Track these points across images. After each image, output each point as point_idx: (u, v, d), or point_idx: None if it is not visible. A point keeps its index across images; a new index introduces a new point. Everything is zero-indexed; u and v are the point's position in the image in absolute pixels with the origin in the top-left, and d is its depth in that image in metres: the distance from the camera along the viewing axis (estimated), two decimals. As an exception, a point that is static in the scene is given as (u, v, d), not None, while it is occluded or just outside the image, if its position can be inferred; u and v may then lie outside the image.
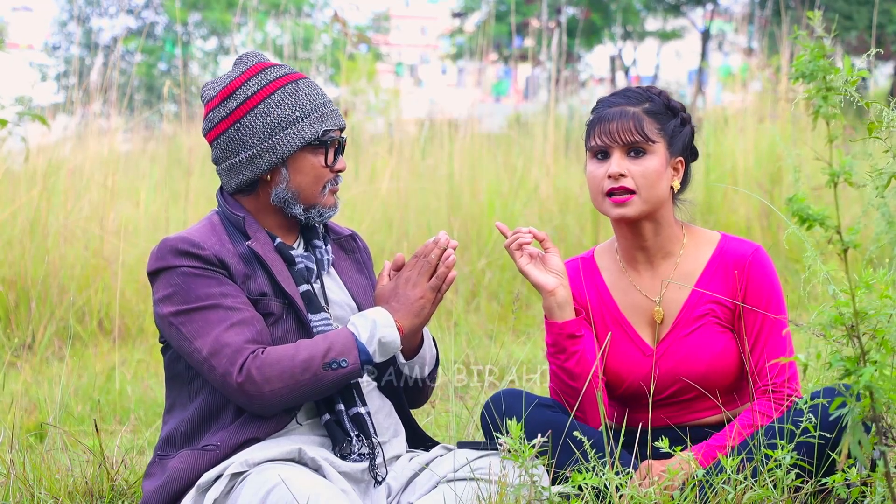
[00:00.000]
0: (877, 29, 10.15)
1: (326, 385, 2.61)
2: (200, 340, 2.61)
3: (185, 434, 2.68)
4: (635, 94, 2.90)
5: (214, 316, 2.62)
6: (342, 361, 2.60)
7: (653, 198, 2.85)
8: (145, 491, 2.67)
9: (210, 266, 2.66)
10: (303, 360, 2.59)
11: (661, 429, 2.89)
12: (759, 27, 15.90)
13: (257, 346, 2.62)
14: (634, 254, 2.94)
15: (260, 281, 2.70)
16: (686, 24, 25.34)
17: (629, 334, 2.92)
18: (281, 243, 2.76)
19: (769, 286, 2.87)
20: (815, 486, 2.66)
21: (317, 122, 2.73)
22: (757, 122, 8.00)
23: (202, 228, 2.74)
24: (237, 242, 2.72)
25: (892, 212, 2.68)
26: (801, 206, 2.12)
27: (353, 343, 2.62)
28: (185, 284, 2.65)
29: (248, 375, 2.57)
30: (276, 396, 2.59)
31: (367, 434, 2.68)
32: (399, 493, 2.69)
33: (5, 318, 5.84)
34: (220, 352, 2.59)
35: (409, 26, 43.95)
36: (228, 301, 2.64)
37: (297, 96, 2.73)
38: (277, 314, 2.69)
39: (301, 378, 2.58)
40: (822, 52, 2.13)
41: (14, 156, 6.89)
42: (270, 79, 2.74)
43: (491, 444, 2.70)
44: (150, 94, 20.72)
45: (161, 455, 2.70)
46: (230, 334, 2.60)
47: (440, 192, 7.38)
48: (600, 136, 2.86)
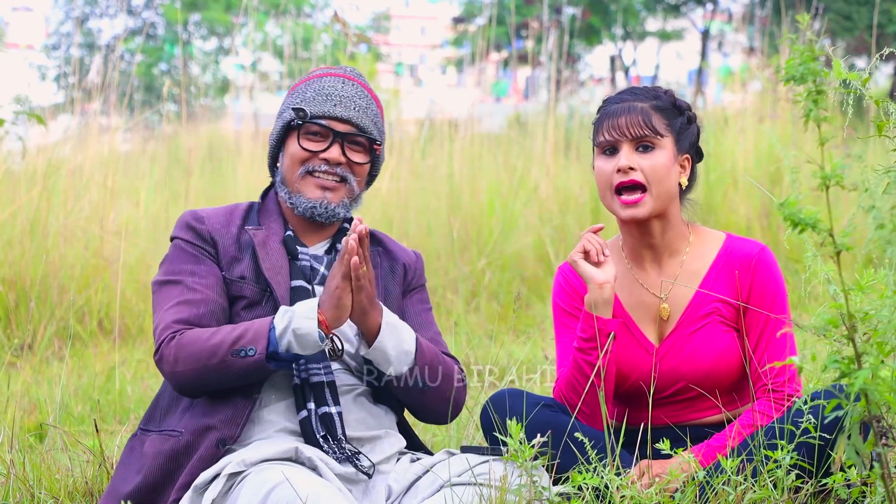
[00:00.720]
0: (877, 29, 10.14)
1: (235, 372, 2.60)
2: (156, 314, 2.72)
3: (163, 409, 2.74)
4: (642, 92, 2.91)
5: (174, 292, 2.71)
6: (249, 350, 2.59)
7: (663, 193, 2.84)
8: (118, 476, 2.69)
9: (200, 242, 2.77)
10: (213, 345, 2.60)
11: (662, 429, 2.89)
12: (759, 27, 15.90)
13: (184, 326, 2.65)
14: (641, 251, 2.94)
15: (245, 265, 2.76)
16: (686, 24, 25.34)
17: (633, 332, 2.92)
18: (290, 236, 2.80)
19: (774, 286, 2.87)
20: (815, 486, 2.66)
21: (306, 105, 2.79)
22: (757, 122, 8.00)
23: (223, 207, 2.86)
24: (247, 227, 2.81)
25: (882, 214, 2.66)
26: (793, 210, 2.12)
27: (266, 332, 2.60)
28: (172, 257, 2.78)
29: (162, 354, 2.64)
30: (186, 377, 2.62)
31: (334, 435, 2.65)
32: (400, 496, 2.67)
33: (5, 318, 5.84)
34: (157, 327, 2.69)
35: (409, 26, 43.94)
36: (191, 280, 2.72)
37: (312, 87, 2.83)
38: (251, 298, 2.73)
39: (208, 362, 2.60)
40: (813, 55, 2.13)
41: (13, 156, 6.89)
42: (312, 74, 2.86)
43: (494, 449, 2.68)
44: (150, 94, 20.72)
45: (142, 429, 2.75)
46: (170, 312, 2.68)
47: (440, 192, 7.38)
48: (609, 131, 2.85)
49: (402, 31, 39.84)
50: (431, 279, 6.77)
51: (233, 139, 9.46)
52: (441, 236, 7.04)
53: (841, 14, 18.08)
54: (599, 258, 2.83)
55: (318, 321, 2.60)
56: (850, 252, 2.13)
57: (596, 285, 2.82)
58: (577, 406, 2.83)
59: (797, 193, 2.17)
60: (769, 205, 7.19)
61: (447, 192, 7.32)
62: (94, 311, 6.01)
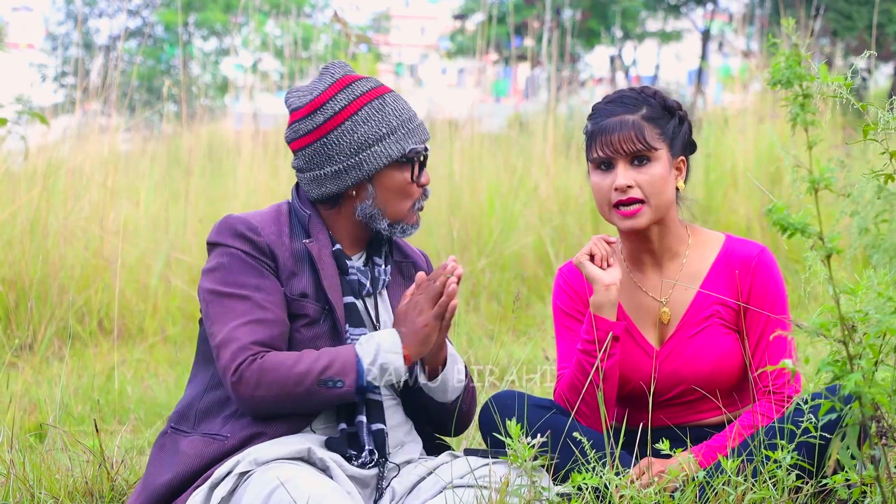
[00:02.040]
0: (877, 29, 10.14)
1: (319, 401, 2.61)
2: (218, 326, 2.63)
3: (201, 412, 2.68)
4: (631, 100, 2.87)
5: (241, 307, 2.63)
6: (338, 381, 2.59)
7: (662, 204, 2.84)
8: (149, 477, 2.66)
9: (259, 254, 2.68)
10: (298, 373, 2.58)
11: (662, 429, 2.89)
12: (759, 27, 15.89)
13: (262, 348, 2.60)
14: (641, 256, 2.94)
15: (305, 281, 2.70)
16: (687, 25, 25.32)
17: (633, 335, 2.91)
18: (339, 250, 2.75)
19: (774, 288, 2.87)
20: (815, 486, 2.66)
21: (403, 139, 2.72)
22: (757, 123, 8.00)
23: (267, 214, 2.75)
24: (295, 238, 2.73)
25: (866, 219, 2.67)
26: (781, 215, 2.13)
27: (354, 364, 2.60)
28: (230, 265, 2.67)
29: (242, 376, 2.58)
30: (266, 402, 2.59)
31: (383, 452, 2.67)
32: (403, 498, 2.67)
33: (5, 318, 5.84)
34: (228, 345, 2.60)
35: (409, 26, 43.94)
36: (259, 296, 2.64)
37: (383, 112, 2.73)
38: (313, 317, 2.69)
39: (294, 390, 2.58)
40: (799, 59, 2.13)
41: (14, 156, 6.89)
42: (358, 94, 2.73)
43: (497, 452, 2.68)
44: (150, 95, 20.72)
45: (174, 428, 2.70)
46: (244, 330, 2.60)
47: (440, 192, 7.38)
48: (602, 149, 2.84)
49: (402, 31, 39.84)
50: (431, 279, 6.77)
51: (233, 139, 9.46)
52: (441, 236, 7.04)
53: (841, 14, 18.06)
54: (604, 265, 2.83)
55: (403, 356, 2.62)
56: (839, 254, 2.14)
57: (602, 286, 2.81)
58: (576, 405, 2.83)
59: (797, 194, 2.18)
60: (769, 205, 7.18)
61: (447, 192, 7.32)
62: (93, 311, 6.01)
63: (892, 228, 3.20)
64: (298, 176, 2.79)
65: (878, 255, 2.19)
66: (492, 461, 2.65)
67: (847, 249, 2.26)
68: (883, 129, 2.41)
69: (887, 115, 2.40)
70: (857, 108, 2.52)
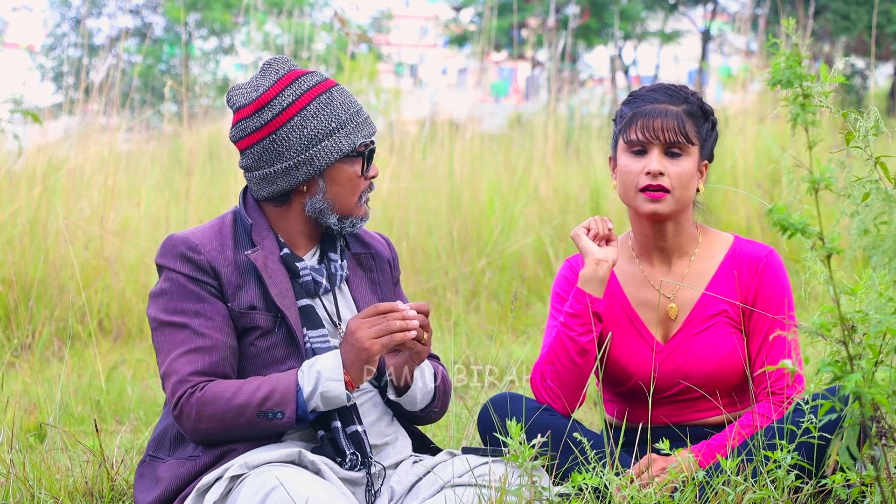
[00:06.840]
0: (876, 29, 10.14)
1: (262, 431, 2.60)
2: (161, 356, 2.65)
3: (174, 438, 2.69)
4: (675, 93, 2.90)
5: (180, 336, 2.63)
6: (278, 413, 2.58)
7: (684, 199, 2.87)
8: (137, 499, 2.68)
9: (201, 274, 2.65)
10: (238, 405, 2.57)
11: (662, 428, 2.89)
12: (758, 26, 15.89)
13: (202, 379, 2.60)
14: (651, 251, 2.95)
15: (252, 292, 2.67)
16: (687, 25, 25.33)
17: (639, 329, 2.92)
18: (288, 254, 2.72)
19: (781, 290, 2.89)
20: (815, 486, 2.66)
21: (353, 133, 2.70)
22: (757, 123, 8.00)
23: (209, 229, 2.72)
24: (240, 248, 2.70)
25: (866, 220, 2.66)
26: (781, 216, 2.13)
27: (294, 395, 2.58)
28: (170, 292, 2.66)
29: (182, 410, 2.59)
30: (210, 434, 2.60)
31: (364, 453, 2.65)
32: (402, 498, 2.67)
33: (5, 318, 5.84)
34: (169, 378, 2.62)
35: (409, 26, 43.95)
36: (197, 322, 2.63)
37: (332, 106, 2.70)
38: (265, 328, 2.67)
39: (234, 422, 2.58)
40: (798, 59, 2.13)
41: (13, 156, 6.89)
42: (305, 88, 2.71)
43: (495, 450, 2.68)
44: (151, 94, 20.71)
45: (152, 456, 2.71)
46: (182, 361, 2.61)
47: (440, 192, 7.38)
48: (642, 131, 2.85)
49: (402, 31, 39.85)
50: (431, 279, 6.78)
51: (233, 139, 9.44)
52: (441, 236, 7.04)
53: (840, 14, 18.07)
54: (600, 243, 2.84)
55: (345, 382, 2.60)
56: (839, 255, 2.14)
57: (593, 260, 2.82)
58: (548, 381, 2.83)
59: (796, 194, 2.18)
60: (769, 205, 7.19)
61: (447, 192, 7.32)
62: (93, 311, 6.01)
63: (891, 229, 3.20)
64: (246, 175, 2.76)
65: (877, 256, 2.18)
66: (491, 460, 2.65)
67: (847, 250, 2.26)
68: (863, 138, 2.41)
69: (864, 122, 2.40)
70: (858, 107, 2.51)
